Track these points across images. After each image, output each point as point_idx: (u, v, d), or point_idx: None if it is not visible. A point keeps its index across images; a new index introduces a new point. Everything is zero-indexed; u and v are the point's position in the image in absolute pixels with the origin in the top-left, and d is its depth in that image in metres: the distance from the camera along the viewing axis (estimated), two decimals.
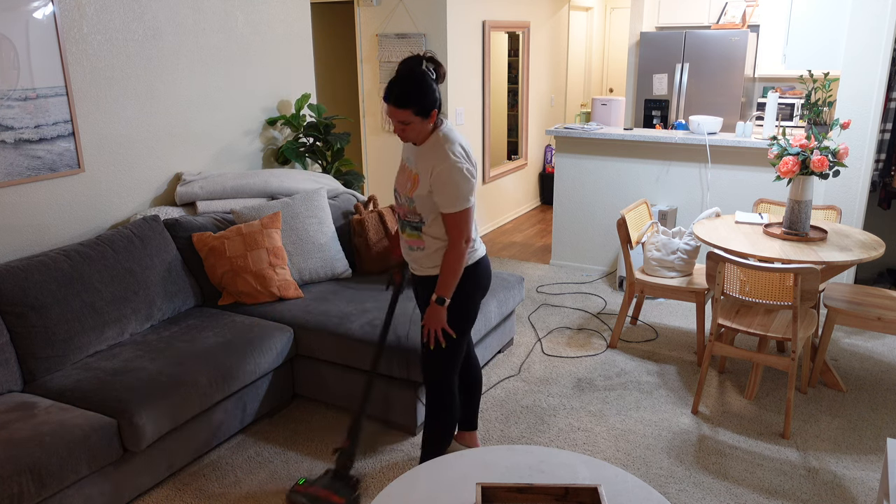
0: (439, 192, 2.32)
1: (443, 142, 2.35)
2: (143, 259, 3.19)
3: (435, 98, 2.31)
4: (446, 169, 2.30)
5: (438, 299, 2.41)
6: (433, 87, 2.30)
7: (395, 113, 2.30)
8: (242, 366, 2.93)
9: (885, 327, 3.28)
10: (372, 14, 5.72)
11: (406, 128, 2.33)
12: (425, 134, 2.37)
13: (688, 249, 3.86)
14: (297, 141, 4.36)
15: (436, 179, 2.32)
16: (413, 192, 2.39)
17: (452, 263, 2.38)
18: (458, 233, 2.35)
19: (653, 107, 6.09)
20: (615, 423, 3.20)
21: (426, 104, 2.29)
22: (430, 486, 1.98)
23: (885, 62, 4.12)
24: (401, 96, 2.26)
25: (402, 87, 2.27)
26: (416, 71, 2.29)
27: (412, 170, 2.41)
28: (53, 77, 3.09)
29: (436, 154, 2.34)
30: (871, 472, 2.82)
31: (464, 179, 2.31)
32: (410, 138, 2.37)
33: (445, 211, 2.34)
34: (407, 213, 2.45)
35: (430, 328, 2.45)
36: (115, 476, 2.53)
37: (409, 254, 2.53)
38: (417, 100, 2.27)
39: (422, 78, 2.28)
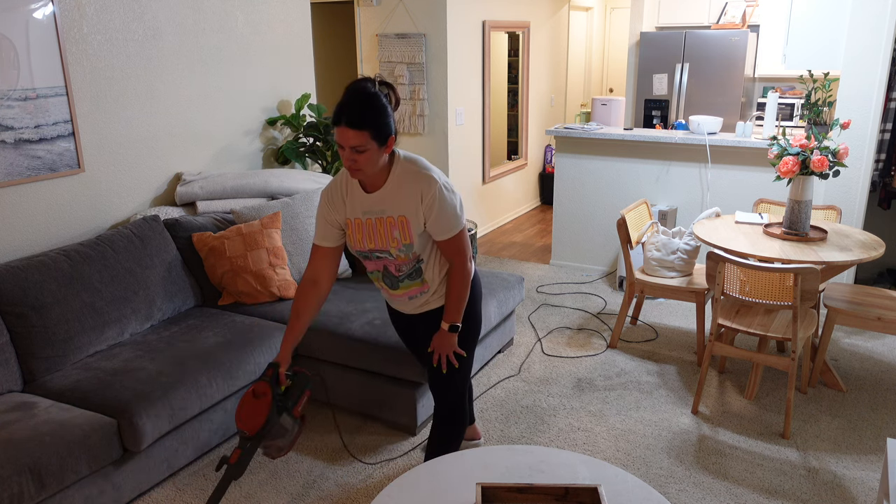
0: (436, 221, 2.13)
1: (415, 167, 2.13)
2: (143, 259, 3.19)
3: (391, 124, 2.04)
4: (438, 193, 2.10)
5: (452, 327, 2.29)
6: (390, 112, 2.04)
7: (348, 136, 1.97)
8: (242, 366, 2.93)
9: (885, 327, 3.28)
10: (372, 14, 5.72)
11: (359, 157, 2.01)
12: (378, 168, 2.09)
13: (688, 249, 3.86)
14: (297, 141, 4.36)
15: (429, 207, 2.11)
16: (410, 237, 2.16)
17: (462, 288, 2.23)
18: (464, 254, 2.21)
19: (653, 107, 6.09)
20: (615, 423, 3.20)
21: (384, 129, 2.01)
22: (430, 486, 1.98)
23: (885, 62, 4.12)
24: (356, 117, 1.96)
25: (357, 107, 1.97)
26: (369, 92, 2.01)
27: (389, 216, 2.16)
28: (53, 77, 3.09)
29: (417, 182, 2.11)
30: (871, 472, 2.82)
31: (454, 197, 2.16)
32: (365, 171, 2.06)
33: (445, 237, 2.16)
34: (404, 264, 2.23)
35: (442, 353, 2.33)
36: (115, 476, 2.53)
37: (409, 303, 2.36)
38: (375, 121, 1.98)
39: (376, 98, 2.00)
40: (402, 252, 2.20)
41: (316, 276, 2.26)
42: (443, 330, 2.31)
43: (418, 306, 2.38)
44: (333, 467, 2.88)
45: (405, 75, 5.64)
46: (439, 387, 2.44)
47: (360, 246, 2.25)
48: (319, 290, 2.26)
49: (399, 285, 2.31)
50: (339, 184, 2.23)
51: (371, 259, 2.27)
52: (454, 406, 2.46)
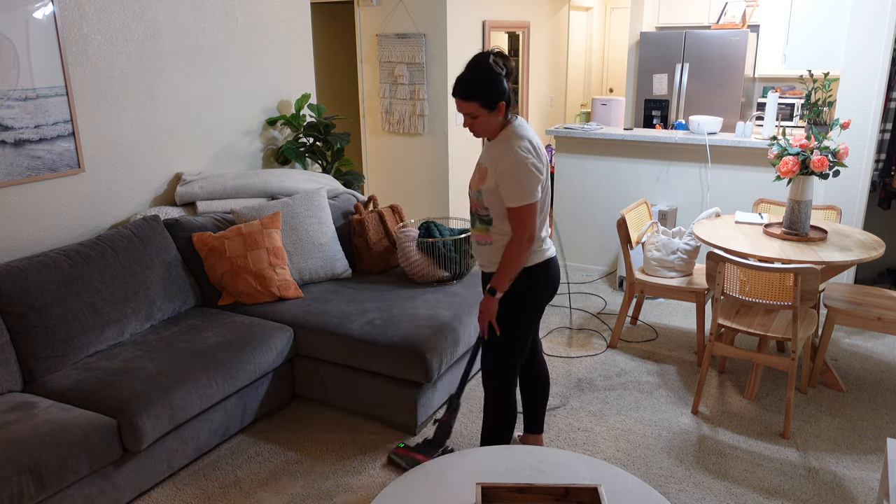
0: (504, 186, 2.34)
1: (511, 137, 2.36)
2: (143, 259, 3.19)
3: (502, 90, 2.31)
4: (511, 163, 2.31)
5: (490, 289, 2.43)
6: (500, 80, 2.30)
7: (462, 106, 2.32)
8: (242, 366, 2.93)
9: (885, 327, 3.28)
10: (372, 14, 5.72)
11: (474, 121, 2.35)
12: (495, 128, 2.39)
13: (688, 249, 3.86)
14: (297, 141, 4.36)
15: (501, 173, 2.34)
16: (482, 185, 2.41)
17: (511, 257, 2.38)
18: (522, 227, 2.35)
19: (653, 107, 6.09)
20: (615, 423, 3.20)
21: (493, 96, 2.30)
22: (430, 486, 1.98)
23: (885, 62, 4.12)
24: (467, 89, 2.29)
25: (468, 80, 2.30)
26: (482, 64, 2.30)
27: (483, 164, 2.44)
28: (53, 77, 3.09)
29: (503, 148, 2.35)
30: (871, 472, 2.82)
31: (528, 174, 2.31)
32: (480, 132, 2.39)
33: (509, 205, 2.35)
34: (477, 206, 2.47)
35: (481, 319, 2.48)
36: (115, 476, 2.53)
37: (477, 249, 2.56)
38: (484, 92, 2.29)
39: (488, 70, 2.29)
40: (476, 196, 2.46)
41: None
42: (486, 293, 2.46)
43: (480, 256, 2.55)
44: (333, 467, 2.88)
45: (405, 75, 5.64)
46: (486, 362, 2.58)
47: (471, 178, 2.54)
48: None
49: (474, 223, 2.53)
50: None
51: (470, 198, 2.53)
52: (499, 388, 2.57)
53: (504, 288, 2.42)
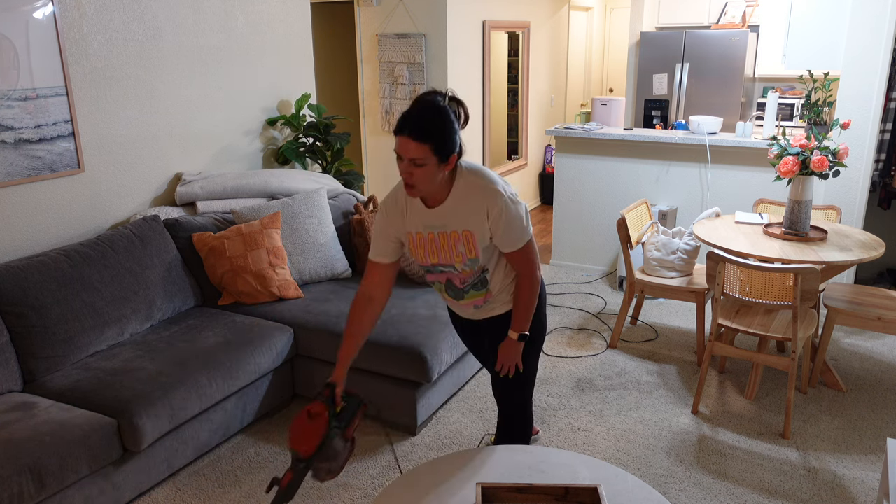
0: (504, 234, 2.07)
1: (480, 180, 2.06)
2: (143, 259, 3.19)
3: (457, 141, 1.96)
4: (504, 206, 2.04)
5: (521, 336, 2.24)
6: (456, 128, 1.96)
7: (408, 148, 1.90)
8: (242, 366, 2.93)
9: (885, 327, 3.28)
10: (372, 14, 5.72)
11: (416, 170, 1.93)
12: (435, 185, 2.00)
13: (688, 249, 3.86)
14: (297, 141, 4.36)
15: (496, 222, 2.05)
16: (475, 252, 2.10)
17: (530, 297, 2.18)
18: (532, 265, 2.16)
19: (653, 107, 6.09)
20: (615, 423, 3.20)
21: (448, 144, 1.93)
22: (430, 486, 1.98)
23: (885, 62, 4.12)
24: (420, 128, 1.89)
25: (422, 118, 1.91)
26: (438, 105, 1.94)
27: (452, 230, 2.08)
28: (53, 77, 3.09)
29: (482, 195, 2.04)
30: (871, 472, 2.82)
31: (519, 208, 2.08)
32: (419, 188, 1.98)
33: (514, 248, 2.10)
34: (469, 276, 2.17)
35: (506, 364, 2.29)
36: (115, 476, 2.53)
37: (475, 311, 2.31)
38: (439, 135, 1.91)
39: (444, 112, 1.93)
40: (468, 266, 2.14)
41: (371, 292, 2.17)
42: (510, 339, 2.25)
43: (483, 313, 2.32)
44: None
45: (405, 75, 5.64)
46: (504, 393, 2.41)
47: (422, 260, 2.19)
48: (374, 307, 2.16)
49: (464, 296, 2.25)
50: (398, 197, 2.15)
51: (434, 272, 2.22)
52: (519, 410, 2.43)
53: (528, 328, 2.25)
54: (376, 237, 2.19)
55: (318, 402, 1.98)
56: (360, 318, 2.15)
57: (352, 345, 2.12)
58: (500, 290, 2.24)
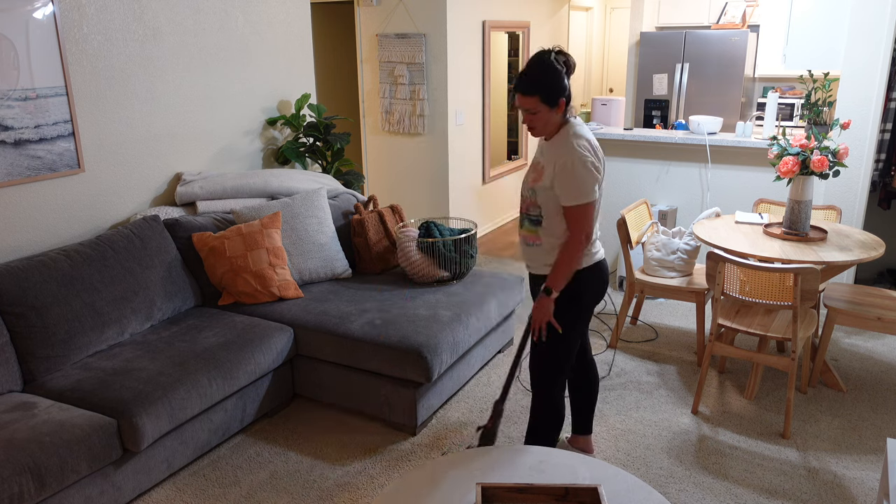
0: (561, 185, 2.32)
1: (570, 135, 2.36)
2: (143, 259, 3.19)
3: (562, 87, 2.30)
4: (570, 161, 2.30)
5: (546, 289, 2.40)
6: (561, 77, 2.30)
7: (522, 101, 2.32)
8: (242, 366, 2.93)
9: (885, 327, 3.28)
10: (372, 14, 5.72)
11: (534, 118, 2.34)
12: (553, 126, 2.37)
13: (688, 249, 3.86)
14: (297, 141, 4.36)
15: (559, 172, 2.32)
16: (537, 182, 2.40)
17: (568, 256, 2.36)
18: (579, 227, 2.34)
19: (653, 107, 6.09)
20: (615, 423, 3.20)
21: (553, 92, 2.29)
22: (430, 486, 1.98)
23: (885, 62, 4.12)
24: (528, 84, 2.29)
25: (529, 75, 2.29)
26: (544, 60, 2.29)
27: (540, 162, 2.43)
28: (53, 77, 3.09)
29: (562, 147, 2.35)
30: (871, 472, 2.82)
31: (587, 173, 2.30)
32: (538, 129, 2.37)
33: (567, 203, 2.34)
34: (529, 205, 2.46)
35: (536, 320, 2.44)
36: (115, 476, 2.53)
37: (525, 250, 2.54)
38: (544, 87, 2.28)
39: (549, 66, 2.28)
40: (529, 193, 2.45)
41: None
42: (541, 293, 2.42)
43: (528, 258, 2.54)
44: (333, 467, 2.88)
45: (405, 75, 5.64)
46: (535, 364, 2.55)
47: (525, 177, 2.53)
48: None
49: (523, 224, 2.52)
50: None
51: (521, 195, 2.52)
52: (548, 389, 2.55)
53: (560, 287, 2.39)
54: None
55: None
56: None
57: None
58: (550, 246, 2.45)
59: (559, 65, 2.30)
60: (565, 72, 2.32)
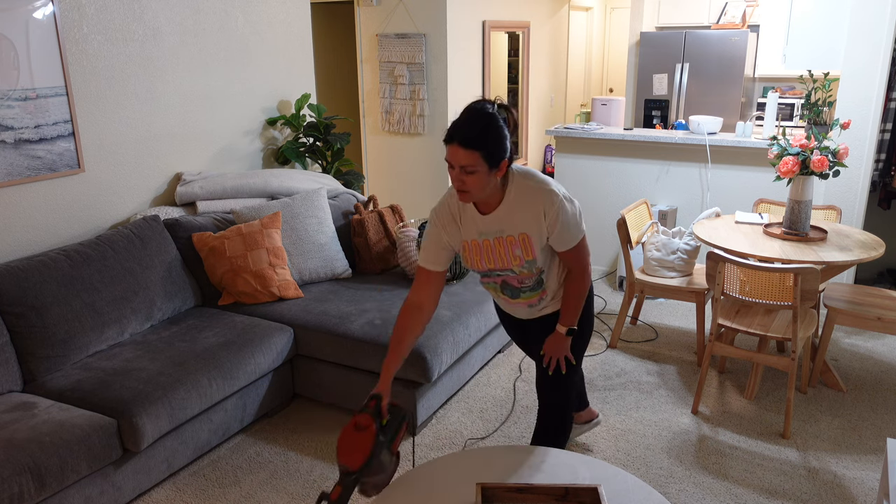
0: (560, 233, 2.11)
1: (532, 182, 2.10)
2: (143, 259, 3.19)
3: (507, 147, 2.00)
4: (560, 206, 2.08)
5: (569, 331, 2.28)
6: (506, 134, 2.00)
7: (458, 156, 1.94)
8: (242, 366, 2.93)
9: (884, 327, 3.28)
10: (372, 14, 5.72)
11: (467, 178, 1.98)
12: (490, 189, 2.04)
13: (688, 249, 3.86)
14: (297, 141, 4.36)
15: (553, 222, 2.09)
16: (533, 253, 2.14)
17: (581, 293, 2.23)
18: (584, 262, 2.20)
19: (653, 107, 6.09)
20: (615, 423, 3.20)
21: (497, 151, 1.97)
22: (430, 486, 1.98)
23: (885, 62, 4.12)
24: (469, 136, 1.93)
25: (471, 126, 1.94)
26: (486, 112, 1.98)
27: (509, 235, 2.13)
28: (53, 77, 3.09)
29: (538, 197, 2.08)
30: (871, 472, 2.82)
31: (574, 207, 2.12)
32: (471, 192, 2.01)
33: (569, 247, 2.14)
34: (526, 278, 2.21)
35: (552, 356, 2.33)
36: (115, 476, 2.53)
37: (528, 310, 2.36)
38: (488, 143, 1.94)
39: (493, 119, 1.97)
40: (526, 268, 2.17)
41: (420, 301, 2.17)
42: (558, 333, 2.29)
43: (536, 312, 2.36)
44: (333, 467, 2.88)
45: (405, 75, 5.64)
46: (547, 387, 2.42)
47: (477, 266, 2.22)
48: (423, 315, 2.16)
49: (521, 295, 2.29)
50: (450, 205, 2.17)
51: (490, 276, 2.25)
52: (559, 406, 2.44)
53: (576, 322, 2.28)
54: (427, 245, 2.19)
55: (366, 415, 1.93)
56: (409, 326, 2.14)
57: (398, 353, 2.11)
58: (556, 289, 2.29)
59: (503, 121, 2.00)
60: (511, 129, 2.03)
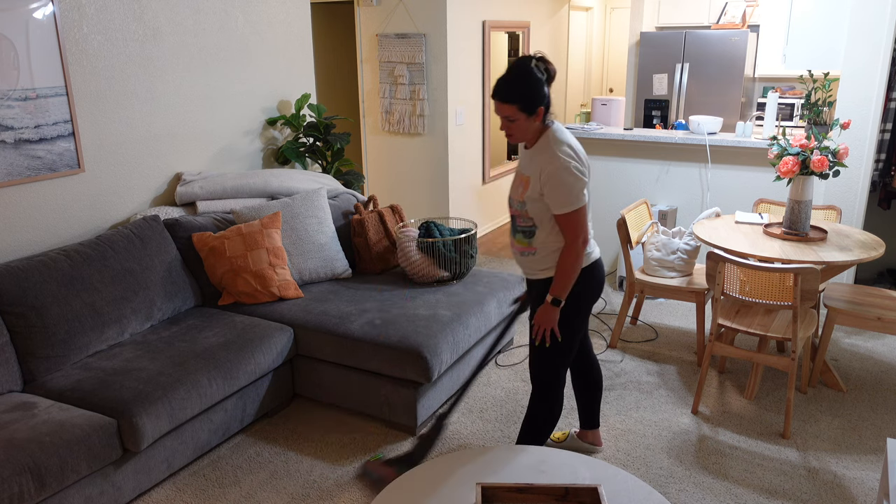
0: (550, 194, 2.32)
1: (552, 143, 2.34)
2: (143, 259, 3.19)
3: (541, 95, 2.29)
4: (555, 169, 2.29)
5: (554, 300, 2.40)
6: (540, 85, 2.28)
7: (500, 108, 2.31)
8: (242, 366, 2.93)
9: (884, 327, 3.28)
10: (372, 14, 5.72)
11: (511, 125, 2.33)
12: (532, 133, 2.37)
13: (688, 249, 3.86)
14: (297, 141, 4.36)
15: (546, 180, 2.31)
16: (524, 194, 2.39)
17: (569, 264, 2.36)
18: (574, 233, 2.34)
19: (653, 107, 6.09)
20: (615, 423, 3.20)
21: (531, 101, 2.28)
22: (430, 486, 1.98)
23: (885, 62, 4.12)
24: (506, 91, 2.28)
25: (507, 83, 2.28)
26: (523, 67, 2.28)
27: (523, 173, 2.41)
28: (53, 77, 3.09)
29: (544, 155, 2.33)
30: (871, 472, 2.82)
31: (574, 178, 2.29)
32: (516, 136, 2.36)
33: (558, 212, 2.33)
34: (521, 217, 2.45)
35: (540, 327, 2.45)
36: (115, 476, 2.53)
37: (520, 259, 2.54)
38: (522, 96, 2.27)
39: (528, 74, 2.27)
40: (519, 207, 2.43)
41: None
42: (546, 302, 2.43)
43: (524, 266, 2.54)
44: (333, 467, 2.88)
45: (405, 75, 5.64)
46: (535, 362, 2.56)
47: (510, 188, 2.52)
48: None
49: (515, 235, 2.51)
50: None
51: (510, 206, 2.51)
52: (546, 385, 2.56)
53: (565, 295, 2.40)
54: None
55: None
56: None
57: None
58: (545, 253, 2.44)
59: (540, 72, 2.28)
60: (546, 79, 2.30)
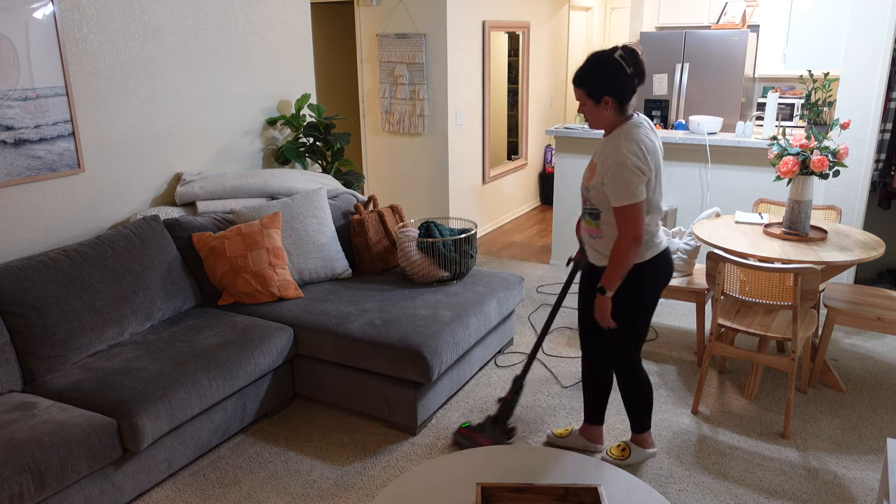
0: (608, 186, 2.39)
1: (621, 137, 2.40)
2: (143, 259, 3.19)
3: (609, 85, 2.35)
4: (616, 163, 2.35)
5: (601, 288, 2.48)
6: (611, 75, 2.35)
7: (575, 92, 2.44)
8: (242, 366, 2.93)
9: (884, 327, 3.28)
10: (372, 14, 5.72)
11: (583, 109, 2.44)
12: (604, 122, 2.44)
13: (688, 249, 3.86)
14: (297, 141, 4.36)
15: (607, 172, 2.39)
16: (590, 181, 2.48)
17: (618, 257, 2.42)
18: (626, 227, 2.38)
19: (653, 107, 6.08)
20: (615, 423, 3.20)
21: (598, 89, 2.36)
22: (430, 486, 1.98)
23: (885, 62, 4.12)
24: (578, 76, 2.40)
25: (582, 68, 2.39)
26: (601, 56, 2.36)
27: (594, 160, 2.49)
28: (53, 77, 3.09)
29: (610, 147, 2.41)
30: (871, 472, 2.82)
31: (630, 174, 2.34)
32: (592, 123, 2.47)
33: (614, 204, 2.39)
34: (586, 200, 2.55)
35: (597, 317, 2.54)
36: (115, 476, 2.53)
37: (588, 241, 2.62)
38: (589, 82, 2.37)
39: (602, 63, 2.35)
40: (585, 191, 2.54)
41: None
42: (597, 292, 2.51)
43: (591, 248, 2.61)
44: (333, 467, 2.88)
45: (405, 75, 5.64)
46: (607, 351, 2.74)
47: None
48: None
49: (584, 217, 2.60)
50: None
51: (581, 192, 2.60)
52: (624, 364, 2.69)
53: (614, 286, 2.45)
54: None
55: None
56: None
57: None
58: (611, 236, 2.49)
59: (625, 64, 2.33)
60: (633, 73, 2.34)
